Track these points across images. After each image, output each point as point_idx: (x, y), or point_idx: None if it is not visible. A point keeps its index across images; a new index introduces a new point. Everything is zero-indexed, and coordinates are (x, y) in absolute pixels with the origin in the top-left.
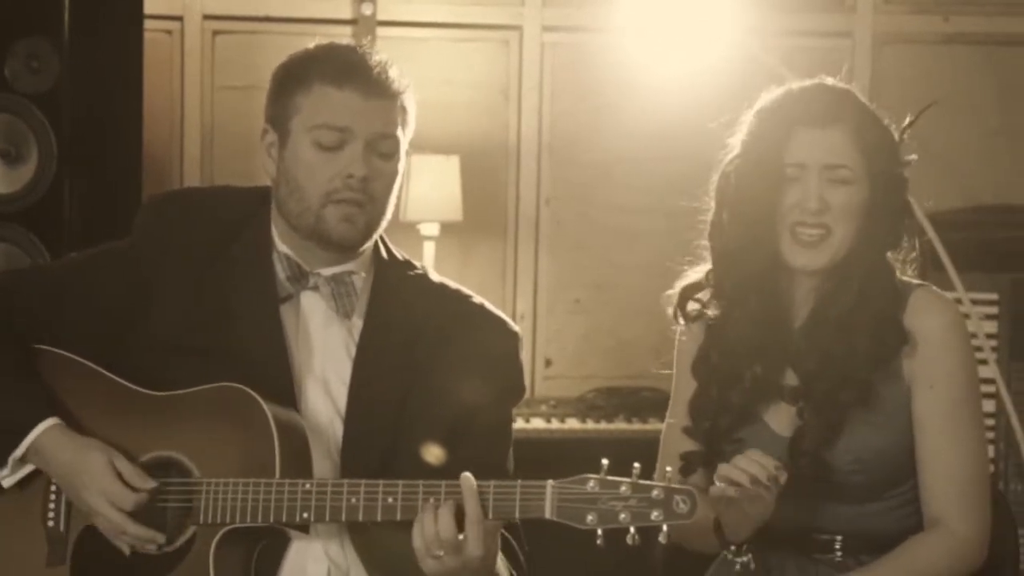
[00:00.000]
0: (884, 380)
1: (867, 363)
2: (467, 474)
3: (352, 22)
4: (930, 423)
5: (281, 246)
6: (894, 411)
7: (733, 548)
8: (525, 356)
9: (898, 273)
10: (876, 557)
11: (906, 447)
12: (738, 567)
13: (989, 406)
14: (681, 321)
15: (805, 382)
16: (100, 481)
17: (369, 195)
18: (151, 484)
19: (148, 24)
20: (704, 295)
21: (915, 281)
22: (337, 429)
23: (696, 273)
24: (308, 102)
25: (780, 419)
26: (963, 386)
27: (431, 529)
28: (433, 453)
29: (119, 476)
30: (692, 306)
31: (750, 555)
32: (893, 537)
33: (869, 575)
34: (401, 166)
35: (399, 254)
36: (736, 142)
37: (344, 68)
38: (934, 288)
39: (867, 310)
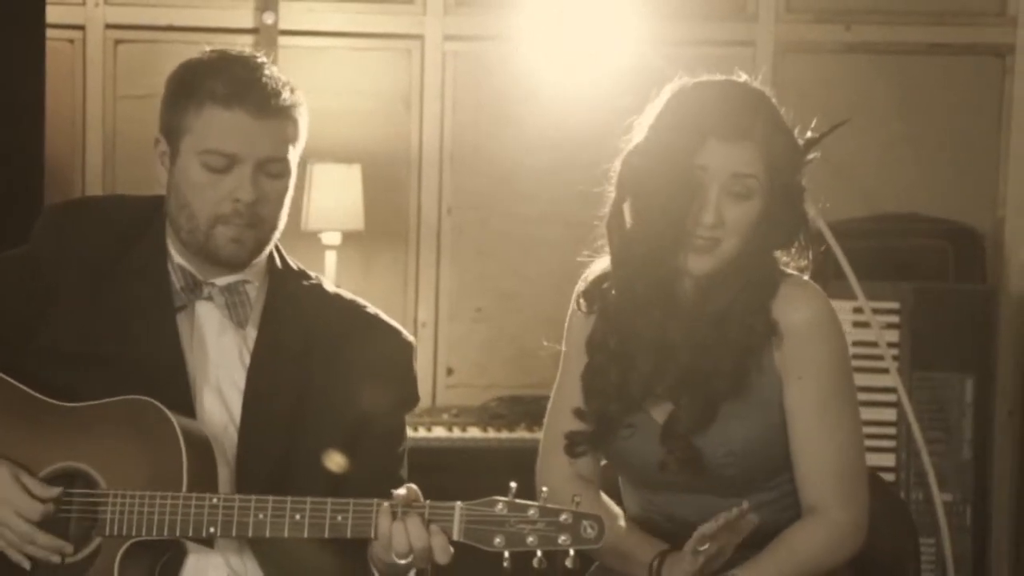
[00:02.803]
0: (755, 371)
1: (737, 353)
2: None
3: (254, 31)
4: (801, 414)
5: (176, 257)
6: (765, 403)
7: None
8: (427, 365)
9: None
10: (758, 551)
11: (779, 439)
12: None
13: (890, 415)
14: (584, 307)
15: (680, 376)
16: (5, 492)
17: (258, 217)
18: (55, 492)
19: (50, 33)
20: (607, 283)
21: (786, 271)
22: (232, 436)
23: (602, 264)
24: (198, 124)
25: (662, 411)
26: (832, 376)
27: (403, 543)
28: (331, 459)
29: (24, 487)
30: (591, 291)
31: None
32: (773, 531)
33: (751, 569)
34: (292, 179)
35: (294, 263)
36: (643, 126)
37: (234, 87)
38: (803, 278)
39: (741, 302)
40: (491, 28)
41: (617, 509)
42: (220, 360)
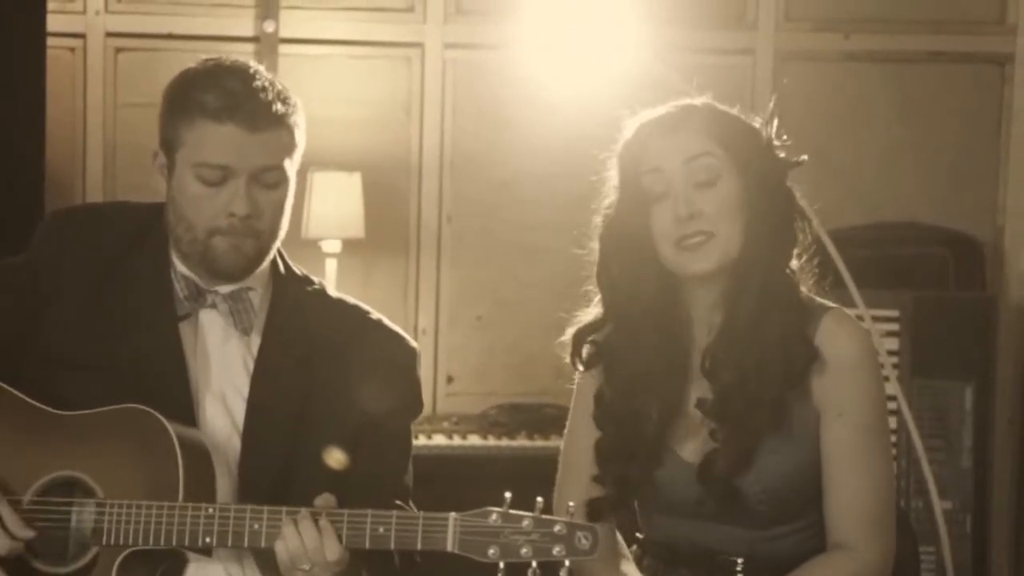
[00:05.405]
0: (795, 402)
1: (777, 380)
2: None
3: (255, 39)
4: (838, 452)
5: (179, 265)
6: (802, 438)
7: None
8: (427, 372)
9: (804, 290)
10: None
11: (812, 475)
12: None
13: (891, 423)
14: (580, 367)
15: (720, 396)
16: None
17: (255, 230)
18: (29, 535)
19: (51, 42)
20: (599, 335)
21: (827, 303)
22: (235, 444)
23: (587, 314)
24: (191, 137)
25: (689, 446)
26: (872, 413)
27: (295, 543)
28: (335, 459)
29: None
30: (588, 349)
31: None
32: (795, 560)
33: None
34: (291, 187)
35: (297, 269)
36: (611, 184)
37: (226, 101)
38: (846, 312)
39: (772, 322)
40: (491, 36)
41: (626, 551)
42: (224, 368)
